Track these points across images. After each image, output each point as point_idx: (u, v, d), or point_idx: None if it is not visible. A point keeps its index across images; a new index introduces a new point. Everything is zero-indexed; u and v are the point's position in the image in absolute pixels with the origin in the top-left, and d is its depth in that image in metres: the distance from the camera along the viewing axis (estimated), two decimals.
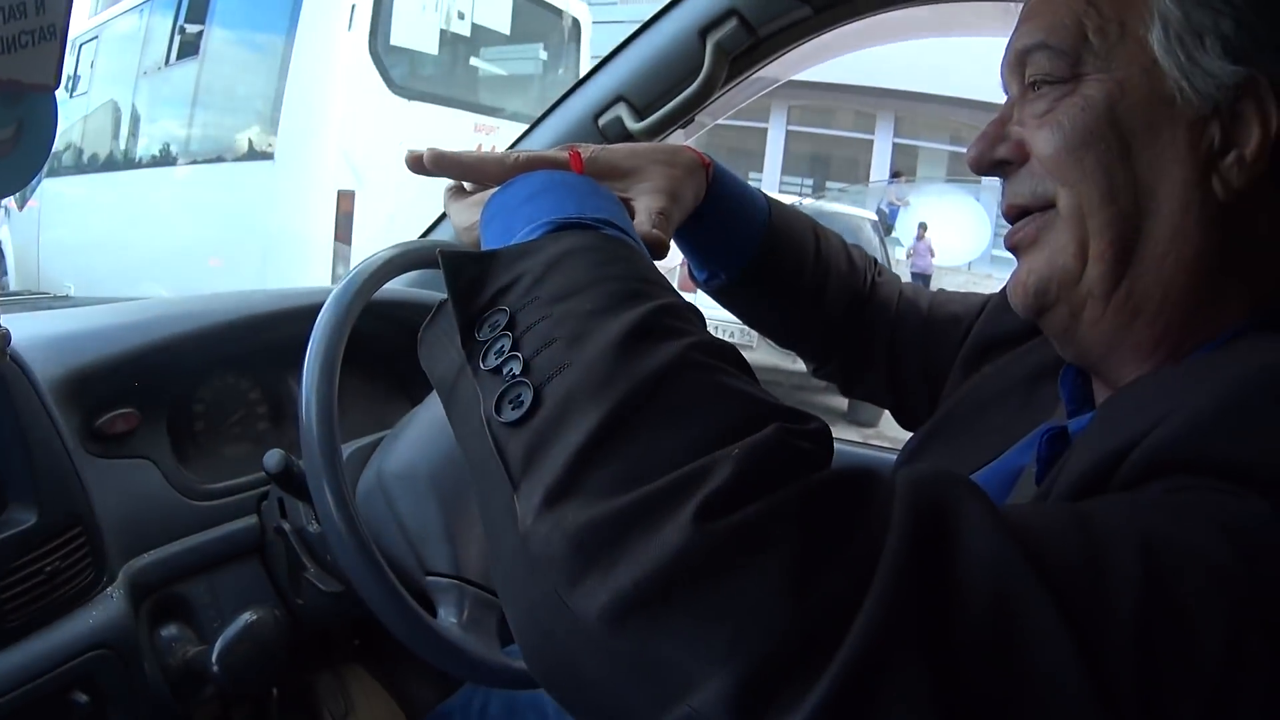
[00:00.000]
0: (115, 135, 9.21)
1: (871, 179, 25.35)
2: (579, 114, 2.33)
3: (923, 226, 17.79)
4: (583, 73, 9.45)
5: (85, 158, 10.01)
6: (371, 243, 6.56)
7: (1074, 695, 0.60)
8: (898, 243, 16.80)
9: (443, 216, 2.66)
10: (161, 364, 2.01)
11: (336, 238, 6.89)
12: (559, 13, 9.19)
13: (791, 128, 27.54)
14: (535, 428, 0.76)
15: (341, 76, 6.93)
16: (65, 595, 1.70)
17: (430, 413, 1.88)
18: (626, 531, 0.66)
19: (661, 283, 0.90)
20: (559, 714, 1.97)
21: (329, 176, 6.84)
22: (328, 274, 6.94)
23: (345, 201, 6.84)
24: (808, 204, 14.39)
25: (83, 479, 1.77)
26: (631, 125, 2.22)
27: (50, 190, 9.90)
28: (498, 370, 0.81)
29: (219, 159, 7.71)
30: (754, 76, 2.31)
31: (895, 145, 26.33)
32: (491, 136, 8.05)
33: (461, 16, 7.98)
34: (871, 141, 26.24)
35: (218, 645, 1.75)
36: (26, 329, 1.84)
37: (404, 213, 5.86)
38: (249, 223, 7.28)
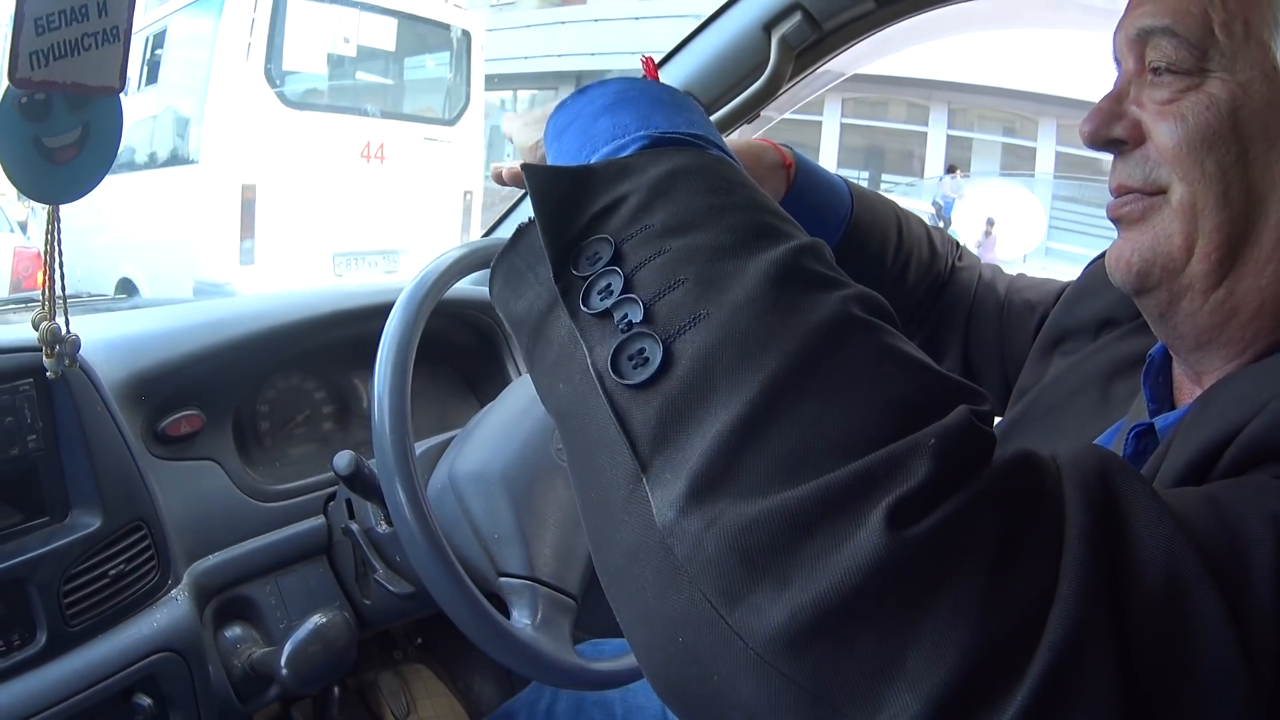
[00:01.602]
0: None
1: (926, 172, 25.50)
2: None
3: (990, 222, 17.48)
4: (475, 78, 10.52)
5: None
6: (269, 223, 8.22)
7: (1234, 681, 0.54)
8: (954, 236, 16.00)
9: (505, 215, 2.59)
10: (225, 365, 1.95)
11: (243, 221, 8.27)
12: (446, 27, 10.30)
13: (846, 120, 27.28)
14: (670, 395, 0.61)
15: (241, 95, 8.35)
16: (130, 598, 1.69)
17: (501, 414, 1.83)
18: (803, 537, 0.54)
19: (787, 216, 0.75)
20: (626, 714, 1.93)
21: (235, 173, 8.25)
22: (236, 250, 8.29)
23: (248, 195, 8.24)
24: None
25: (147, 481, 1.74)
26: None
27: None
28: (607, 315, 0.67)
29: (167, 164, 9.08)
30: (819, 70, 2.26)
31: (949, 137, 26.37)
32: (384, 165, 9.43)
33: (347, 40, 9.28)
34: (925, 134, 26.14)
35: (287, 648, 1.70)
36: (88, 331, 1.72)
37: (298, 204, 8.14)
38: (176, 210, 8.69)
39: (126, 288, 9.13)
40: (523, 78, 29.43)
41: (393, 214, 9.53)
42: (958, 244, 1.77)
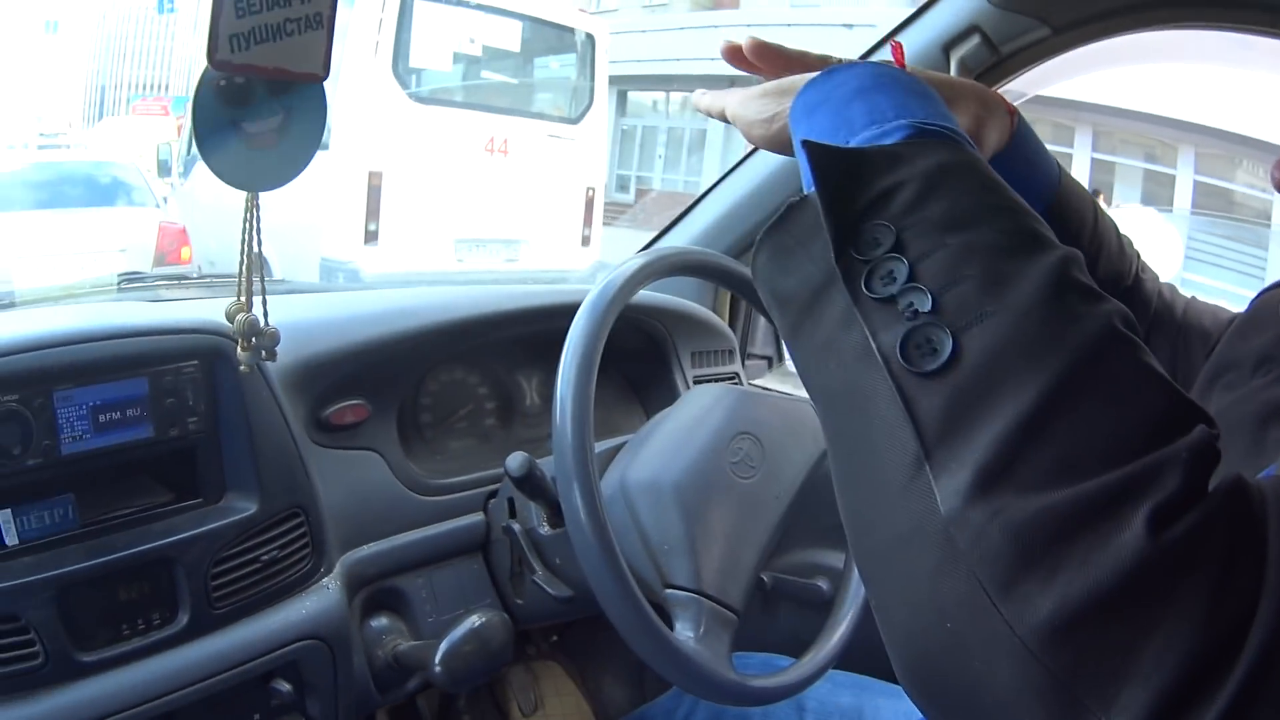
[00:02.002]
0: None
1: None
2: None
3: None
4: (599, 79, 10.85)
5: None
6: (394, 208, 8.63)
7: None
8: None
9: (678, 220, 2.57)
10: (395, 357, 1.95)
11: (367, 202, 8.76)
12: (571, 30, 10.66)
13: None
14: (959, 384, 0.63)
15: (369, 89, 8.86)
16: (280, 585, 1.68)
17: (676, 424, 1.81)
18: (1074, 534, 0.56)
19: (1045, 223, 0.75)
20: None
21: (362, 159, 8.73)
22: (361, 231, 8.80)
23: (374, 180, 8.75)
24: None
25: (308, 469, 1.73)
26: None
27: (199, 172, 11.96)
28: (891, 300, 0.68)
29: None
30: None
31: (1093, 160, 26.05)
32: (507, 158, 9.78)
33: (473, 41, 9.72)
34: (1070, 155, 25.84)
35: (443, 646, 1.68)
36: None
37: (423, 191, 8.89)
38: (308, 190, 8.71)
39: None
40: (675, 79, 29.48)
41: (514, 205, 9.84)
42: (1140, 254, 1.68)
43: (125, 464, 1.61)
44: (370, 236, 8.79)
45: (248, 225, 1.32)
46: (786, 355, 2.54)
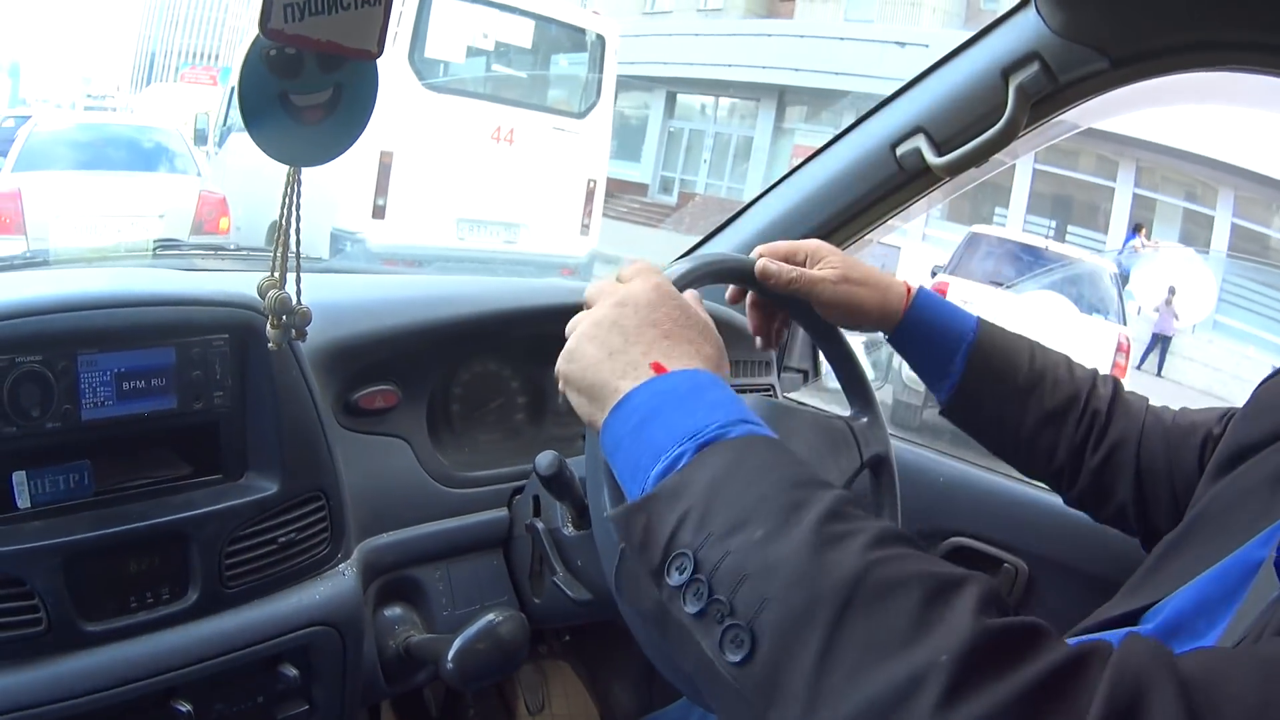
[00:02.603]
0: None
1: (1110, 228, 24.91)
2: (876, 141, 2.20)
3: (1172, 290, 17.17)
4: (607, 77, 11.28)
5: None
6: (402, 186, 9.09)
7: None
8: (1130, 295, 15.82)
9: (721, 228, 2.49)
10: (430, 345, 1.91)
11: (377, 179, 9.35)
12: (582, 30, 11.31)
13: (1038, 166, 26.77)
14: (764, 663, 0.81)
15: (385, 75, 8.76)
16: (295, 568, 1.64)
17: None
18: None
19: (810, 477, 0.94)
20: None
21: (374, 139, 9.09)
22: (370, 206, 9.39)
23: (384, 159, 9.36)
24: (1052, 246, 14.51)
25: (333, 452, 1.69)
26: (931, 159, 2.09)
27: (233, 142, 12.46)
28: (703, 614, 0.86)
29: None
30: (1054, 120, 2.17)
31: (1134, 195, 25.77)
32: (512, 147, 10.27)
33: (486, 36, 10.34)
34: (1113, 189, 25.60)
35: (456, 643, 1.65)
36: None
37: (429, 172, 9.41)
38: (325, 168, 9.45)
39: (274, 230, 9.70)
40: (726, 85, 29.41)
41: (517, 191, 10.34)
42: (1114, 380, 1.73)
43: (145, 434, 1.56)
44: (378, 211, 9.41)
45: (287, 201, 1.29)
46: (824, 370, 2.52)
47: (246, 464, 1.63)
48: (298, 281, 1.33)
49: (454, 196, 9.75)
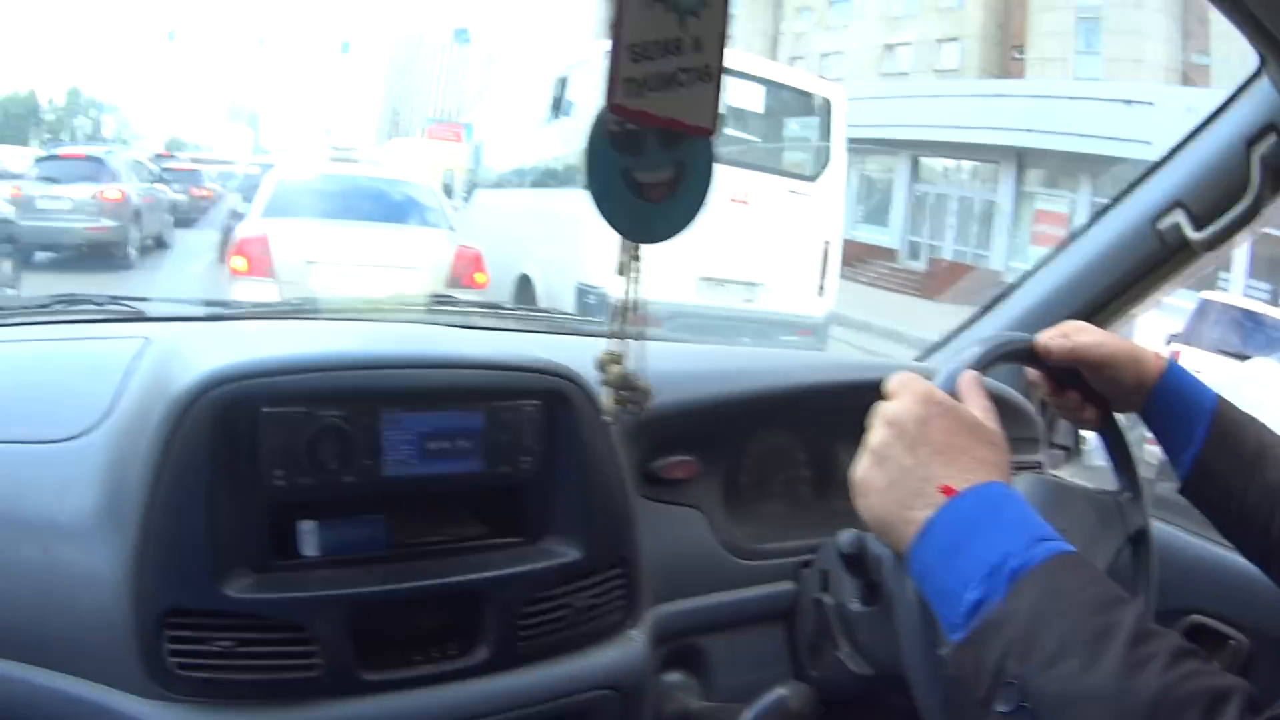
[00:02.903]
0: (525, 161, 13.00)
1: None
2: (1136, 216, 2.17)
3: None
4: (836, 140, 11.34)
5: (494, 177, 14.30)
6: (647, 246, 9.34)
7: None
8: None
9: (994, 304, 2.47)
10: (729, 417, 1.92)
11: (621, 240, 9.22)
12: (809, 95, 11.46)
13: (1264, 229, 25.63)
14: None
15: None
16: (586, 632, 1.61)
17: None
18: None
19: (1109, 591, 0.99)
20: None
21: None
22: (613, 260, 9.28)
23: None
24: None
25: (634, 520, 1.68)
26: (1190, 234, 2.04)
27: (479, 199, 13.63)
28: None
29: (563, 185, 10.96)
30: None
31: None
32: (748, 208, 10.24)
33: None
34: None
35: (749, 714, 1.61)
36: (586, 356, 1.73)
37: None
38: (568, 223, 9.86)
39: (525, 283, 10.48)
40: (965, 147, 29.07)
41: (755, 252, 10.44)
42: None
43: (445, 493, 1.57)
44: (622, 267, 9.09)
45: (629, 277, 1.30)
46: (1089, 446, 2.45)
47: (549, 528, 1.61)
48: (642, 358, 1.33)
49: (695, 255, 9.69)
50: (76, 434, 1.53)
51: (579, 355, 1.74)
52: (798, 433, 2.12)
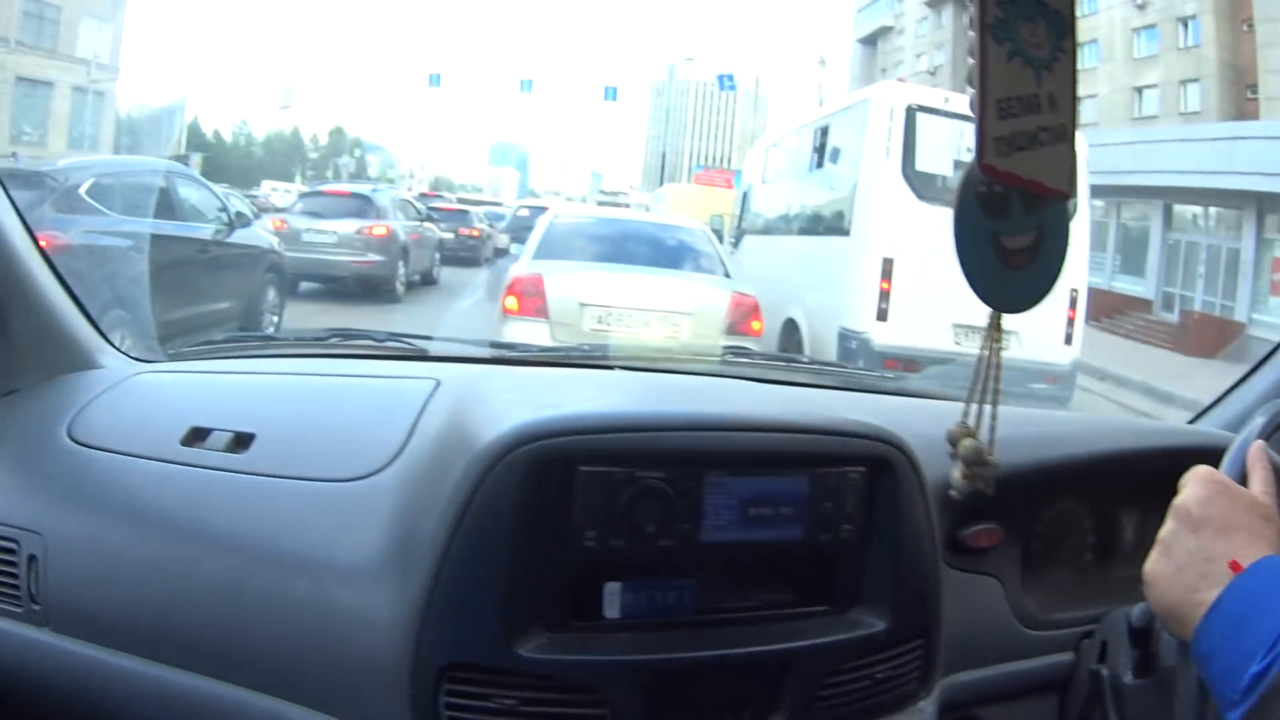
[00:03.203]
0: (788, 208, 13.51)
1: None
2: None
3: None
4: (1080, 186, 11.05)
5: (761, 223, 14.66)
6: (902, 290, 9.83)
7: None
8: None
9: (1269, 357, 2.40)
10: (1035, 484, 1.85)
11: (881, 283, 9.84)
12: None
13: None
14: None
15: (882, 188, 10.14)
16: (880, 702, 1.55)
17: None
18: None
19: None
20: None
21: (878, 247, 9.89)
22: (874, 309, 9.88)
23: (886, 264, 9.82)
24: None
25: (940, 590, 1.62)
26: None
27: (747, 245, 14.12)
28: None
29: (827, 232, 11.30)
30: None
31: None
32: None
33: (969, 150, 9.96)
34: None
35: None
36: (908, 421, 1.69)
37: (926, 279, 9.31)
38: (832, 269, 10.72)
39: (790, 328, 10.80)
40: (1209, 193, 27.98)
41: None
42: None
43: (758, 559, 1.51)
44: (881, 314, 9.77)
45: (988, 348, 1.25)
46: None
47: (858, 597, 1.55)
48: (992, 431, 1.27)
49: (949, 302, 9.24)
50: (362, 475, 1.54)
51: (894, 415, 1.72)
52: (1086, 499, 2.02)
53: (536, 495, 1.37)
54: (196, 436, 1.66)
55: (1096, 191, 24.91)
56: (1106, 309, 24.59)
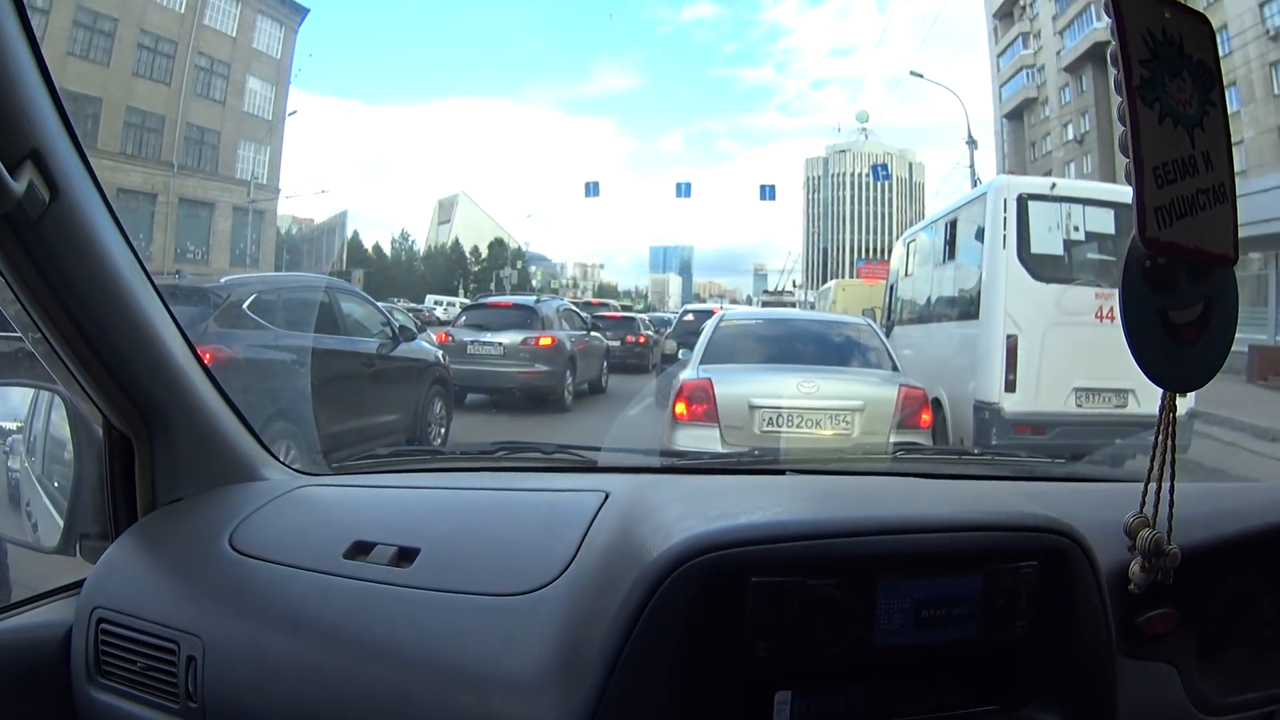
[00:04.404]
0: (927, 298, 14.81)
1: None
2: None
3: None
4: None
5: (907, 313, 15.92)
6: (1026, 362, 10.78)
7: None
8: None
9: None
10: (1212, 563, 1.68)
11: (1007, 358, 11.06)
12: None
13: None
14: None
15: (1003, 272, 11.36)
16: None
17: None
18: None
19: None
20: None
21: (1003, 326, 11.12)
22: (1002, 381, 11.10)
23: (1011, 341, 11.02)
24: None
25: (1115, 682, 1.49)
26: None
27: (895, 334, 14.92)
28: None
29: (961, 318, 12.71)
30: None
31: None
32: (1114, 324, 11.01)
33: (1076, 229, 11.94)
34: None
35: None
36: (1080, 507, 1.62)
37: (1046, 350, 10.93)
38: (966, 350, 12.00)
39: (936, 406, 11.21)
40: None
41: (1122, 360, 11.14)
42: None
43: (929, 659, 1.40)
44: (1009, 385, 10.83)
45: (1162, 431, 1.21)
46: None
47: (1031, 694, 1.44)
48: (1169, 519, 1.23)
49: (1069, 369, 10.96)
50: (530, 589, 1.48)
51: (1066, 502, 1.65)
52: (1265, 572, 1.85)
53: (707, 607, 1.30)
54: (360, 550, 1.62)
55: (1252, 244, 24.24)
56: (1275, 366, 23.35)
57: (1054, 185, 11.98)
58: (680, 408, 7.86)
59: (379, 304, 11.50)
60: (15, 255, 1.45)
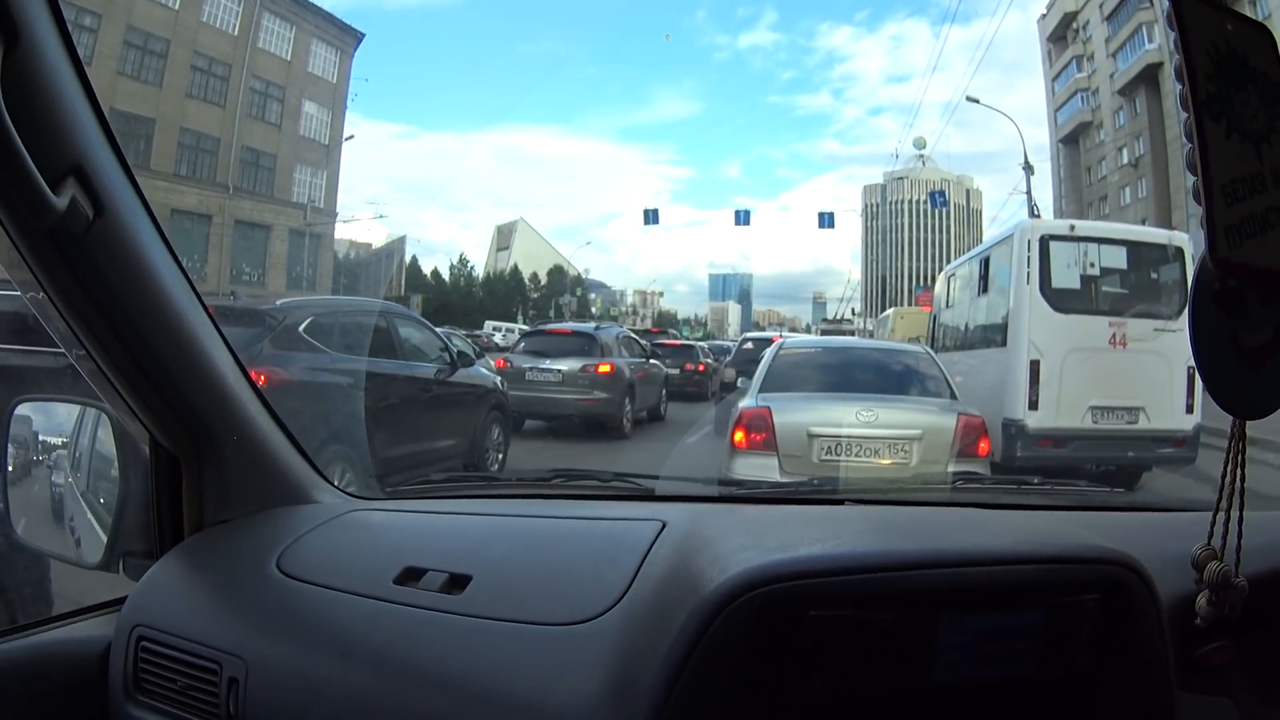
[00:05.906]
0: (964, 327, 16.35)
1: None
2: None
3: None
4: (1189, 282, 12.59)
5: (948, 341, 17.12)
6: (1047, 384, 12.31)
7: None
8: None
9: None
10: (1272, 594, 1.59)
11: (1030, 380, 12.83)
12: (1163, 246, 13.97)
13: None
14: None
15: (1026, 304, 13.07)
16: None
17: None
18: None
19: None
20: None
21: (1026, 352, 12.90)
22: (1025, 400, 12.77)
23: (1034, 365, 12.80)
24: None
25: (1172, 718, 1.39)
26: None
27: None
28: None
29: (988, 345, 14.64)
30: None
31: None
32: (1126, 350, 13.18)
33: (1092, 265, 13.56)
34: None
35: None
36: (1140, 537, 1.57)
37: (1065, 372, 12.72)
38: (997, 374, 13.57)
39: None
40: None
41: (1133, 381, 12.94)
42: None
43: (982, 693, 1.35)
44: (1032, 404, 12.46)
45: (1230, 461, 1.18)
46: None
47: None
48: (1237, 551, 1.19)
49: (1085, 389, 12.46)
50: (583, 618, 1.42)
51: (1126, 531, 1.66)
52: None
53: (763, 640, 1.24)
54: (410, 576, 1.57)
55: None
56: None
57: (1073, 227, 13.73)
58: (739, 436, 7.72)
59: (437, 330, 11.47)
60: (59, 272, 1.43)
